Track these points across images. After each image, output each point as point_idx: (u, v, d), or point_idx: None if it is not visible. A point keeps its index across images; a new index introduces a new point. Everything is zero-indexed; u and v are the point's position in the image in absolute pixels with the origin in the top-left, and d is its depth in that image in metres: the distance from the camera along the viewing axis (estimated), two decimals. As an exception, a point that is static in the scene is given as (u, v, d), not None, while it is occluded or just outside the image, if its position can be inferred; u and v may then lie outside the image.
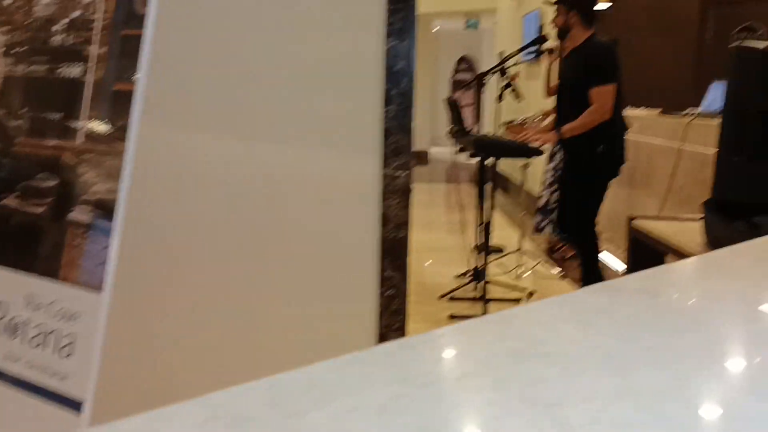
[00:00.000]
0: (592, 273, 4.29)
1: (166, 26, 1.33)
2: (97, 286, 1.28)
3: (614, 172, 4.23)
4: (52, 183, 1.37)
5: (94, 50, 1.35)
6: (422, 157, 13.06)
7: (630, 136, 4.45)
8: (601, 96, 4.02)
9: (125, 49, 1.32)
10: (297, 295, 2.19)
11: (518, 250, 5.45)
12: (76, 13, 1.38)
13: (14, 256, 1.40)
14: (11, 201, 1.41)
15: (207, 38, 2.07)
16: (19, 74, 1.44)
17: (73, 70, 1.37)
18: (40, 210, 1.37)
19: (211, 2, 2.06)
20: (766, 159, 3.04)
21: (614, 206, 5.97)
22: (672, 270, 0.84)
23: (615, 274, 5.19)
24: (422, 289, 4.90)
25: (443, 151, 13.63)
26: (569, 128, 4.13)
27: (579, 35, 4.16)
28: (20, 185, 1.41)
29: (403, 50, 2.10)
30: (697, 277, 0.86)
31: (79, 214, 1.32)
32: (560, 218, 4.48)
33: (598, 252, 4.35)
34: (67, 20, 1.40)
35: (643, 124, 5.79)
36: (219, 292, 2.18)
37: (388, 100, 2.11)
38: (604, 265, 4.94)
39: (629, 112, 5.54)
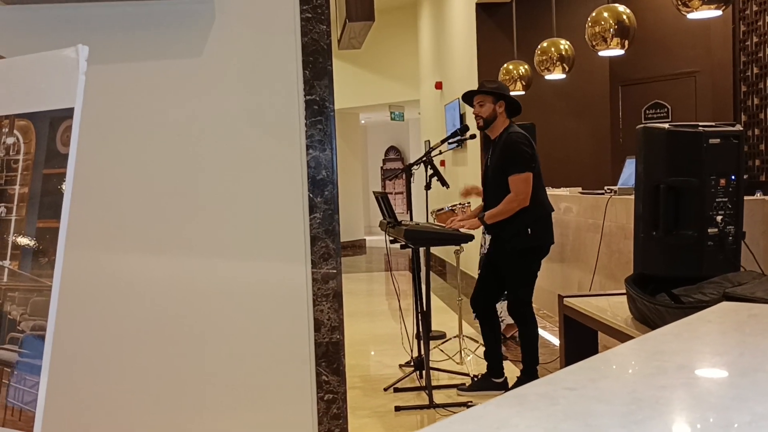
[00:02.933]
0: (530, 353, 4.38)
1: (83, 164, 1.38)
2: (27, 427, 1.27)
3: (542, 253, 4.39)
4: (-23, 323, 1.37)
5: (17, 190, 1.38)
6: (359, 247, 13.16)
7: (555, 216, 4.63)
8: (518, 184, 4.21)
9: (48, 188, 1.36)
10: (234, 405, 2.18)
11: (459, 334, 5.50)
12: (-2, 155, 1.42)
13: (-61, 400, 1.38)
14: (-65, 344, 1.40)
15: (128, 165, 2.12)
16: (-59, 217, 1.46)
17: (-4, 211, 1.40)
18: (-35, 352, 1.37)
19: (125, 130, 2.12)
20: (680, 232, 3.20)
21: (549, 284, 6.12)
22: (574, 372, 0.90)
23: (553, 350, 5.28)
24: (367, 381, 4.87)
25: (379, 239, 13.76)
26: (491, 214, 4.30)
27: (499, 125, 4.36)
28: (-56, 327, 1.40)
29: (324, 160, 2.18)
30: (596, 377, 0.93)
31: (6, 353, 1.32)
32: (473, 298, 4.59)
33: (536, 330, 4.44)
34: (-12, 162, 1.43)
35: (567, 203, 6.02)
36: (154, 406, 2.15)
37: (312, 208, 2.18)
38: (544, 341, 5.02)
39: (552, 192, 5.77)
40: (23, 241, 1.35)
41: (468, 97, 4.51)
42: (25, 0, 1.98)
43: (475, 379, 4.57)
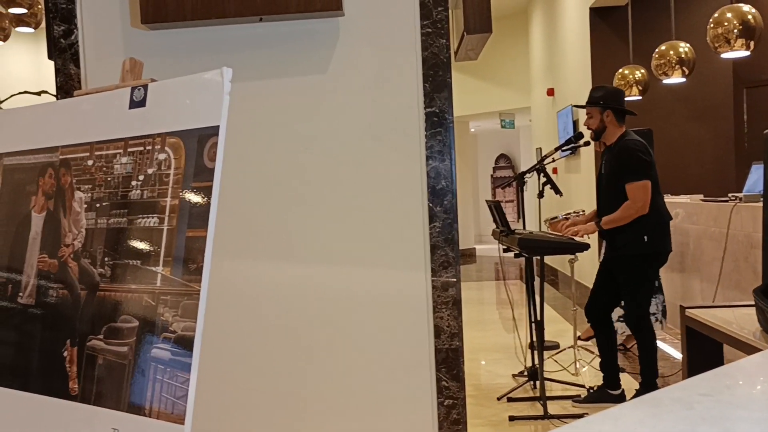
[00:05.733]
0: (649, 365, 4.27)
1: (229, 178, 1.49)
2: (178, 419, 1.39)
3: (659, 260, 4.28)
4: (134, 324, 1.50)
5: (168, 202, 1.51)
6: (469, 255, 13.13)
7: (674, 224, 4.50)
8: (636, 191, 4.13)
9: (196, 200, 1.47)
10: (357, 410, 2.27)
11: (574, 345, 5.42)
12: (152, 170, 1.55)
13: (101, 393, 1.52)
14: (97, 342, 1.55)
15: (260, 178, 2.25)
16: (102, 227, 1.60)
17: (150, 221, 1.53)
18: (123, 349, 1.50)
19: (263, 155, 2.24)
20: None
21: (668, 294, 5.93)
22: (708, 378, 0.91)
23: (674, 364, 5.11)
24: (479, 390, 4.88)
25: (490, 248, 13.68)
26: (608, 220, 4.24)
27: (613, 133, 4.30)
28: (105, 327, 1.54)
29: (444, 170, 2.24)
30: (732, 384, 0.93)
31: (160, 351, 1.45)
32: (588, 306, 4.50)
33: (654, 341, 4.33)
34: (143, 176, 1.57)
35: (687, 211, 5.82)
36: (282, 408, 2.27)
37: (432, 217, 2.24)
38: (664, 354, 4.88)
39: (671, 200, 5.59)
40: (175, 249, 1.48)
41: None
42: (168, 25, 2.14)
43: (591, 390, 4.50)
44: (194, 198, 1.47)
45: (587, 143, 5.17)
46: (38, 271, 1.71)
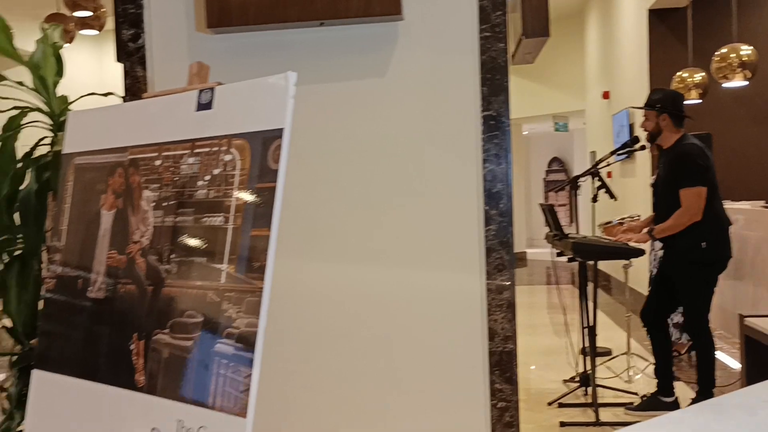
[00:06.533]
0: (706, 374, 4.19)
1: (291, 179, 1.53)
2: (240, 412, 1.43)
3: (717, 267, 4.19)
4: (198, 319, 1.55)
5: (233, 202, 1.56)
6: (520, 259, 13.03)
7: (734, 230, 4.41)
8: (689, 198, 4.05)
9: (260, 200, 1.52)
10: (410, 410, 2.29)
11: (627, 352, 5.35)
12: (217, 170, 1.60)
13: (166, 385, 1.57)
14: (163, 336, 1.60)
15: (320, 179, 2.30)
16: (168, 225, 1.66)
17: (215, 220, 1.58)
18: (188, 343, 1.55)
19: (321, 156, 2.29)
20: None
21: (726, 302, 5.80)
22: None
23: (731, 374, 5.00)
24: (529, 395, 4.85)
25: (541, 252, 13.56)
26: (661, 229, 4.18)
27: (670, 137, 4.24)
28: (170, 322, 1.60)
29: (500, 173, 2.25)
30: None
31: (223, 346, 1.49)
32: (643, 314, 4.43)
33: (713, 350, 4.24)
34: (209, 176, 1.62)
35: (747, 218, 5.69)
36: (337, 407, 2.31)
37: (488, 220, 2.25)
38: (721, 363, 4.78)
39: (731, 206, 5.47)
40: (239, 247, 1.52)
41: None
42: (232, 30, 2.20)
43: (644, 398, 4.43)
44: (258, 198, 1.51)
45: (643, 147, 5.10)
46: (107, 267, 1.78)
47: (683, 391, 4.61)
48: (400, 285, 2.27)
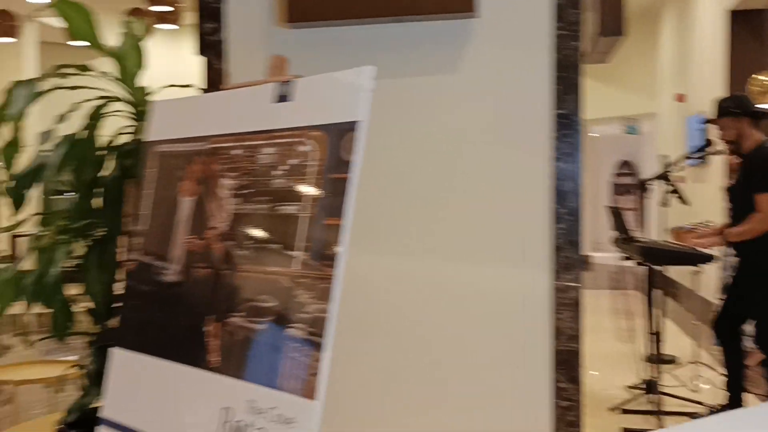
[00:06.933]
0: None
1: (364, 170, 1.57)
2: (310, 395, 1.47)
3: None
4: (272, 304, 1.60)
5: (308, 191, 1.60)
6: (585, 262, 12.83)
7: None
8: (765, 203, 3.94)
9: (334, 191, 1.56)
10: (472, 404, 2.30)
11: (694, 360, 5.23)
12: (294, 161, 1.65)
13: (239, 366, 1.63)
14: (237, 319, 1.66)
15: (392, 172, 2.33)
16: (245, 212, 1.72)
17: (290, 208, 1.62)
18: (261, 327, 1.60)
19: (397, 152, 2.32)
20: None
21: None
22: None
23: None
24: (590, 399, 4.79)
25: (606, 256, 13.32)
26: (736, 232, 4.06)
27: (750, 140, 4.13)
28: (244, 305, 1.65)
29: (570, 172, 2.24)
30: None
31: (295, 330, 1.54)
32: (715, 323, 4.32)
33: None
34: (286, 166, 1.67)
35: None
36: (400, 400, 2.33)
37: (557, 219, 2.24)
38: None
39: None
40: (312, 235, 1.57)
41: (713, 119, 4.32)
42: (309, 24, 2.25)
43: (713, 411, 4.33)
44: (333, 188, 1.55)
45: (718, 153, 4.97)
46: (185, 251, 1.85)
47: (752, 404, 4.48)
48: (467, 280, 2.28)
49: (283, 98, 1.71)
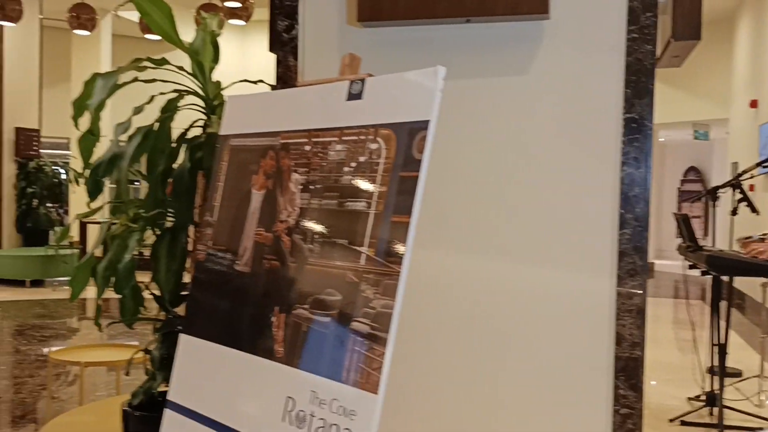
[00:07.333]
0: None
1: (433, 169, 1.58)
2: (372, 389, 1.50)
3: None
4: (337, 297, 1.63)
5: (376, 188, 1.63)
6: (648, 269, 12.56)
7: None
8: None
9: (402, 188, 1.58)
10: (529, 407, 2.30)
11: (759, 375, 5.08)
12: (363, 158, 1.68)
13: (303, 358, 1.67)
14: (302, 311, 1.70)
15: (458, 173, 2.34)
16: (314, 207, 1.76)
17: (358, 205, 1.65)
18: (326, 320, 1.64)
19: (465, 154, 2.33)
20: None
21: None
22: None
23: None
24: (649, 409, 4.71)
25: (670, 264, 13.03)
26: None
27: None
28: (310, 298, 1.69)
29: (638, 177, 2.21)
30: None
31: (359, 325, 1.57)
32: None
33: None
34: (355, 163, 1.70)
35: None
36: (459, 400, 2.34)
37: (623, 224, 2.22)
38: None
39: None
40: (380, 232, 1.59)
41: None
42: (381, 24, 2.28)
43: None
44: (401, 186, 1.57)
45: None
46: (254, 243, 1.90)
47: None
48: (530, 282, 2.28)
49: (354, 96, 1.74)
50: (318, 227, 1.73)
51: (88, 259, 2.67)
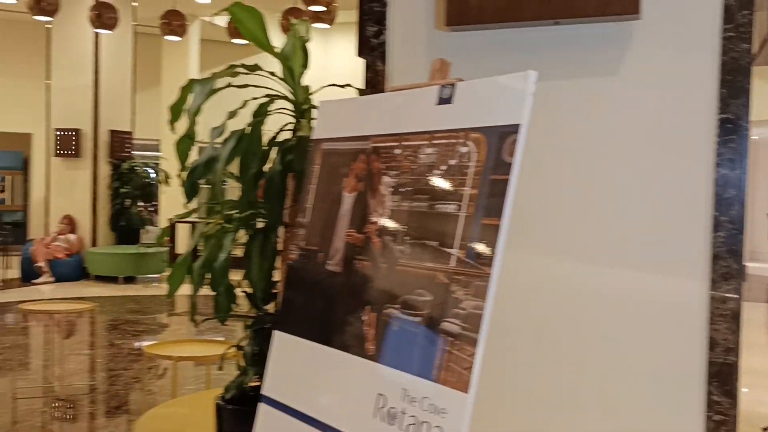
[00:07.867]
0: None
1: (523, 173, 1.60)
2: (463, 388, 1.53)
3: None
4: (427, 298, 1.67)
5: (467, 191, 1.65)
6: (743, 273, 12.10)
7: None
8: None
9: (493, 191, 1.60)
10: (620, 411, 2.28)
11: None
12: (453, 161, 1.71)
13: (394, 356, 1.71)
14: (393, 311, 1.74)
15: (548, 175, 2.34)
16: (404, 209, 1.80)
17: (448, 207, 1.68)
18: (417, 320, 1.67)
19: (557, 151, 2.33)
20: None
21: None
22: None
23: None
24: (741, 416, 4.56)
25: (763, 266, 12.52)
26: None
27: None
28: (401, 298, 1.73)
29: (733, 179, 2.16)
30: None
31: (450, 325, 1.60)
32: None
33: None
34: (445, 166, 1.73)
35: None
36: (554, 398, 2.34)
37: (717, 226, 2.17)
38: None
39: None
40: (469, 234, 1.62)
41: None
42: (469, 28, 2.30)
43: None
44: (492, 189, 1.59)
45: None
46: (345, 243, 1.95)
47: None
48: (621, 285, 2.25)
49: (444, 101, 1.77)
50: (408, 229, 1.76)
51: (184, 258, 2.79)
